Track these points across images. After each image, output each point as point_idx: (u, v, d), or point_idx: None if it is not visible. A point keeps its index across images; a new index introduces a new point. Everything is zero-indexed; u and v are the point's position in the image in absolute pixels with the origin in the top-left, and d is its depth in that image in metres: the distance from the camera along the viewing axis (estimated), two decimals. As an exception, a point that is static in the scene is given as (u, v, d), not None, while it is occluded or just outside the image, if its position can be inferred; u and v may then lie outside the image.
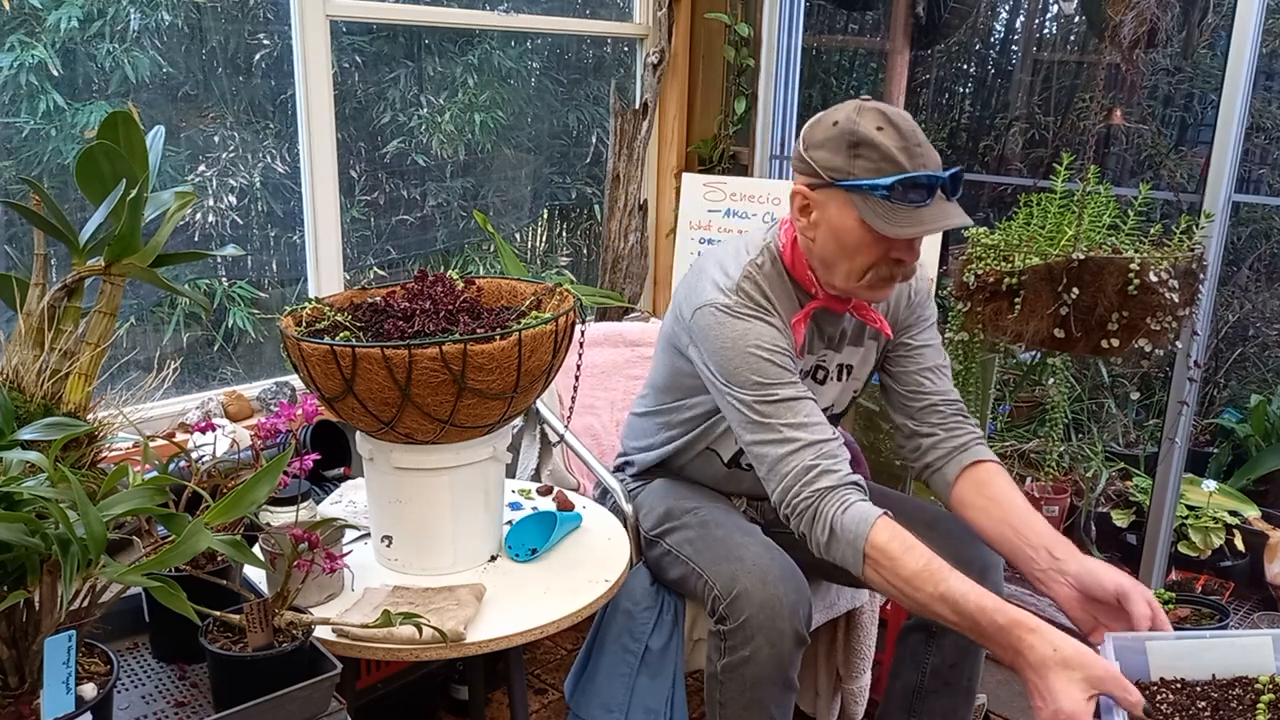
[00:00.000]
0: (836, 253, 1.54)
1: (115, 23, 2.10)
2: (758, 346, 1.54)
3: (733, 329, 1.56)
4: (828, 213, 1.51)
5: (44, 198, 1.26)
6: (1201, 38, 2.98)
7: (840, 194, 1.48)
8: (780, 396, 1.53)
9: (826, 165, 1.49)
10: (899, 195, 1.44)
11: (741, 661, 1.57)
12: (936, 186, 1.46)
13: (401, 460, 1.46)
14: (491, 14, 2.74)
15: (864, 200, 1.46)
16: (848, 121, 1.48)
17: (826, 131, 1.50)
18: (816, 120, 1.53)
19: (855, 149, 1.46)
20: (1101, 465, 3.17)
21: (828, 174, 1.49)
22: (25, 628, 1.04)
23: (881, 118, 1.47)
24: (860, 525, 1.45)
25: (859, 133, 1.46)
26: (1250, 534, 2.87)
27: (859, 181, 1.46)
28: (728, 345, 1.56)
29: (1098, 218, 1.89)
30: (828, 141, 1.49)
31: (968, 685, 1.75)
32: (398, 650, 1.35)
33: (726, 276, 1.60)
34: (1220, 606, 1.60)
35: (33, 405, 1.19)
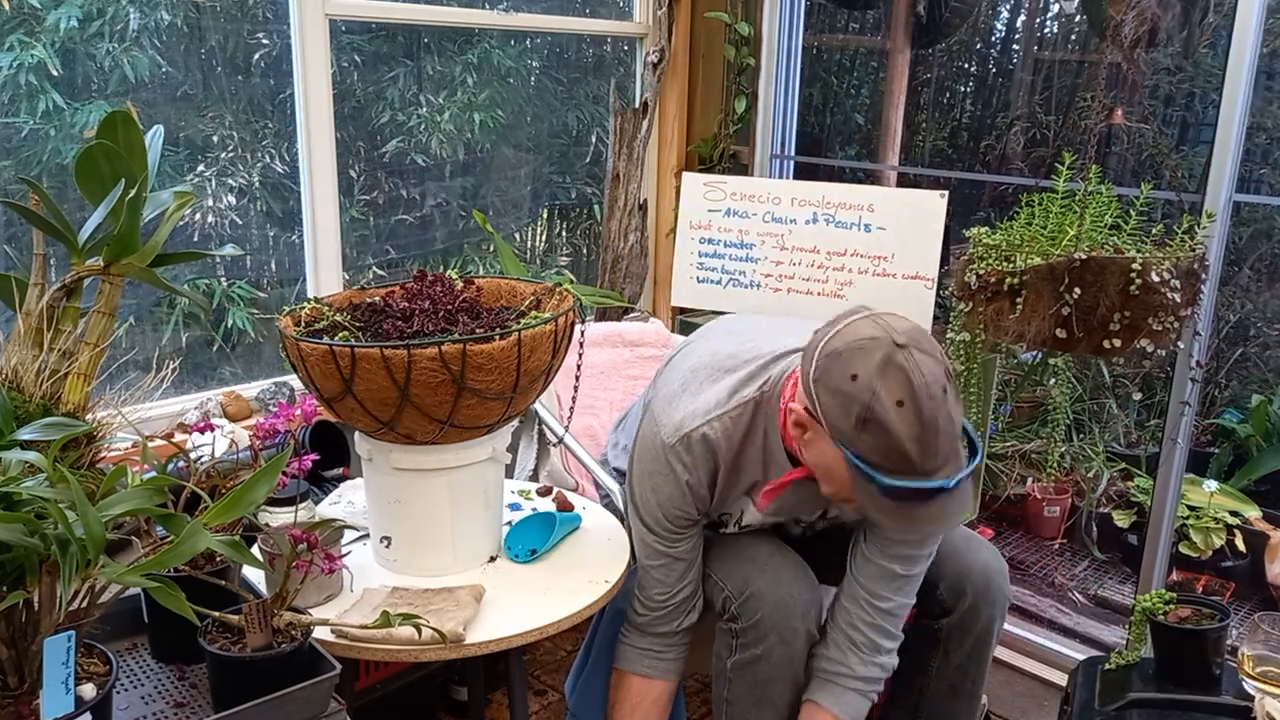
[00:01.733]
0: (822, 475, 1.39)
1: (115, 22, 2.10)
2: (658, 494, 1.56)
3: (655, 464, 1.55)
4: (822, 446, 1.35)
5: (43, 198, 1.25)
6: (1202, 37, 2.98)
7: (840, 452, 1.30)
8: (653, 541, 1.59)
9: (830, 419, 1.30)
10: (896, 495, 1.27)
11: (753, 660, 1.57)
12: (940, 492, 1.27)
13: (401, 460, 1.46)
14: (491, 13, 2.74)
15: (857, 474, 1.29)
16: (865, 384, 1.26)
17: (842, 382, 1.28)
18: (836, 352, 1.31)
19: (864, 425, 1.26)
20: (1103, 465, 3.17)
21: (829, 428, 1.31)
22: (24, 628, 1.04)
23: (904, 391, 1.25)
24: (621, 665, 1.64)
25: (873, 409, 1.25)
26: (1251, 534, 2.87)
27: (860, 463, 1.28)
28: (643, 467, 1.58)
29: (1099, 217, 1.88)
30: (839, 394, 1.28)
31: (972, 689, 1.75)
32: (397, 651, 1.35)
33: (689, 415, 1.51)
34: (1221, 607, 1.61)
35: (32, 405, 1.19)
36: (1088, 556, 3.17)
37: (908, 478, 1.25)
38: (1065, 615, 2.84)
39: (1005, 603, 1.71)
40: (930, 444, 1.25)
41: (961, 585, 1.66)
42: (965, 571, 1.66)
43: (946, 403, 1.27)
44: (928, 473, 1.26)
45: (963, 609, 1.68)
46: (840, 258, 2.46)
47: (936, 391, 1.26)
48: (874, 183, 3.42)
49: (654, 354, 2.44)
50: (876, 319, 1.33)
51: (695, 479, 1.52)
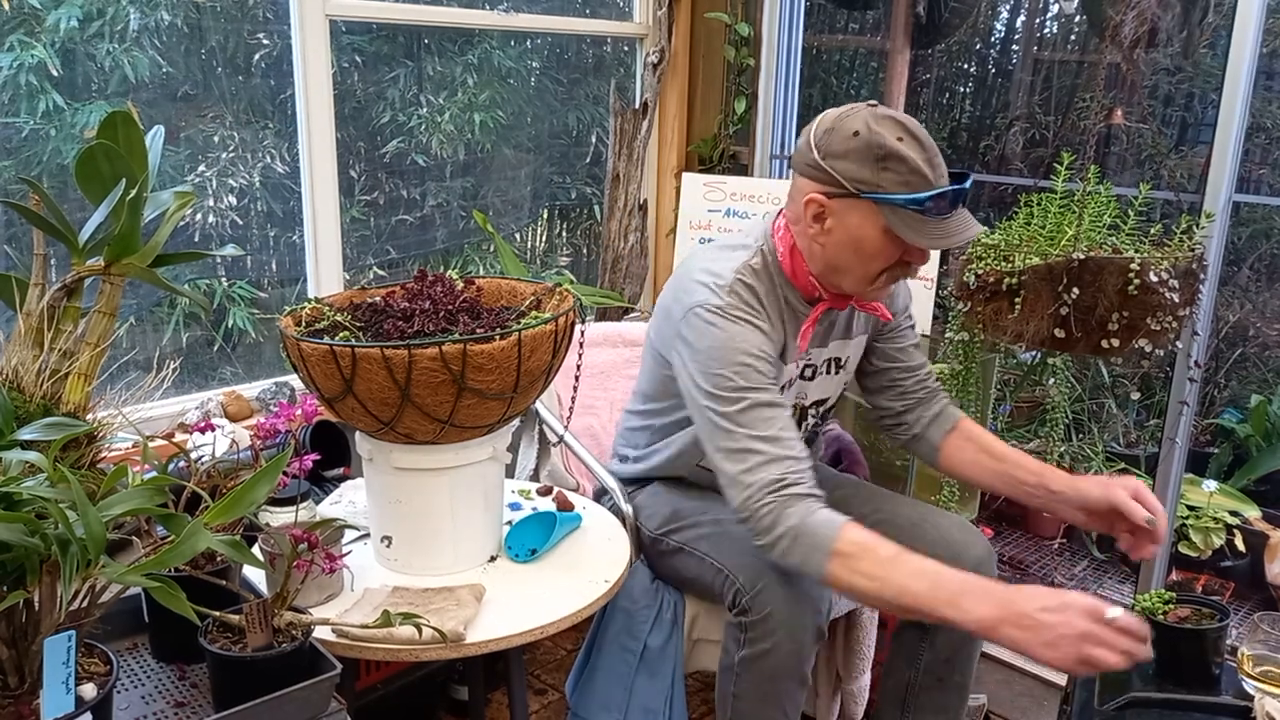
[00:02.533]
0: (851, 259, 1.55)
1: (115, 22, 2.10)
2: (745, 351, 1.53)
3: (723, 330, 1.54)
4: (847, 221, 1.52)
5: (44, 198, 1.26)
6: (1202, 37, 2.98)
7: (865, 204, 1.49)
8: (757, 401, 1.52)
9: (852, 177, 1.48)
10: (929, 209, 1.47)
11: (761, 654, 1.57)
12: (960, 198, 1.50)
13: (401, 460, 1.46)
14: (491, 14, 2.74)
15: (893, 212, 1.48)
16: (869, 133, 1.47)
17: (847, 142, 1.48)
18: (830, 129, 1.51)
19: (883, 162, 1.47)
20: (1102, 465, 3.17)
21: (853, 185, 1.48)
22: (25, 628, 1.04)
23: (899, 128, 1.48)
24: (828, 526, 1.46)
25: (885, 145, 1.46)
26: (1251, 534, 2.87)
27: (890, 196, 1.47)
28: (716, 346, 1.54)
29: (1098, 217, 1.89)
30: (851, 153, 1.48)
31: (960, 681, 1.75)
32: (397, 651, 1.35)
33: (717, 277, 1.59)
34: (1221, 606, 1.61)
35: (32, 405, 1.19)
36: (1087, 556, 3.17)
37: (931, 188, 1.47)
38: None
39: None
40: (934, 160, 1.49)
41: None
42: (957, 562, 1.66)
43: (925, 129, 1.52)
44: (940, 180, 1.48)
45: None
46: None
47: (918, 123, 1.51)
48: (874, 183, 3.42)
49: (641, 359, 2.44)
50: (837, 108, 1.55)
51: (764, 321, 1.58)
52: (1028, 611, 1.34)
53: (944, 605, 1.40)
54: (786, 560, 1.49)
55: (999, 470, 1.73)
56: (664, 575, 1.81)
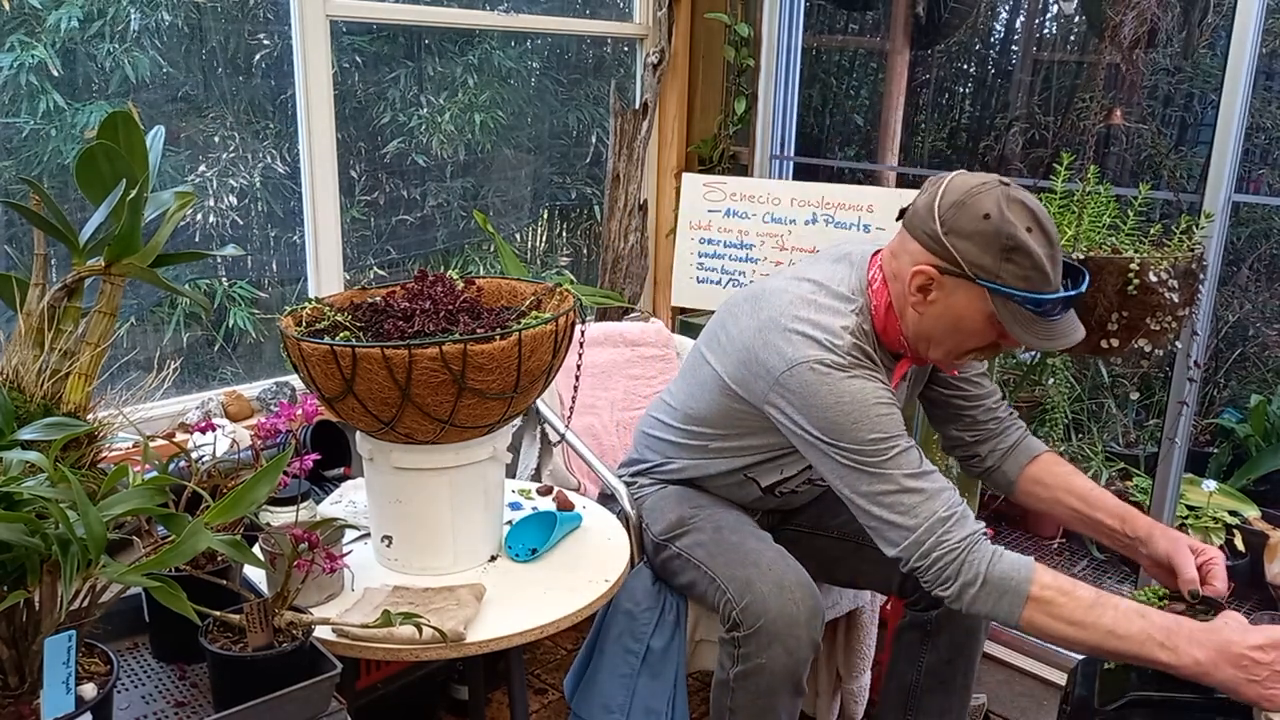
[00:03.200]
0: (945, 334, 1.50)
1: (115, 23, 2.10)
2: (877, 400, 1.49)
3: (847, 386, 1.49)
4: (953, 299, 1.46)
5: (44, 198, 1.26)
6: (1201, 37, 2.98)
7: (977, 288, 1.43)
8: (901, 447, 1.48)
9: (973, 261, 1.42)
10: (1043, 309, 1.42)
11: (756, 669, 1.56)
12: (1071, 302, 1.45)
13: (401, 460, 1.46)
14: (491, 14, 2.74)
15: (1004, 304, 1.42)
16: (1000, 219, 1.40)
17: (976, 224, 1.41)
18: (959, 204, 1.43)
19: (1008, 253, 1.40)
20: (1102, 465, 3.17)
21: (971, 269, 1.42)
22: (25, 628, 1.04)
23: (1029, 216, 1.41)
24: (1020, 570, 1.42)
25: (1015, 237, 1.39)
26: (1250, 534, 2.87)
27: (1008, 290, 1.41)
28: (843, 402, 1.49)
29: (1097, 218, 1.89)
30: (977, 236, 1.41)
31: (963, 683, 1.75)
32: (398, 650, 1.35)
33: (829, 334, 1.53)
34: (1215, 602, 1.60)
35: (33, 405, 1.19)
36: (1087, 556, 3.17)
37: (1050, 291, 1.41)
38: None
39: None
40: (1056, 258, 1.42)
41: None
42: None
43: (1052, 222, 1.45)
44: (1058, 280, 1.42)
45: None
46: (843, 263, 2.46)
47: (1045, 211, 1.43)
48: (873, 183, 3.42)
49: (654, 354, 2.44)
50: (965, 173, 1.47)
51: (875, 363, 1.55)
52: (1243, 651, 1.32)
53: (1157, 649, 1.37)
54: (974, 609, 1.44)
55: (1080, 514, 1.67)
56: (666, 579, 1.80)
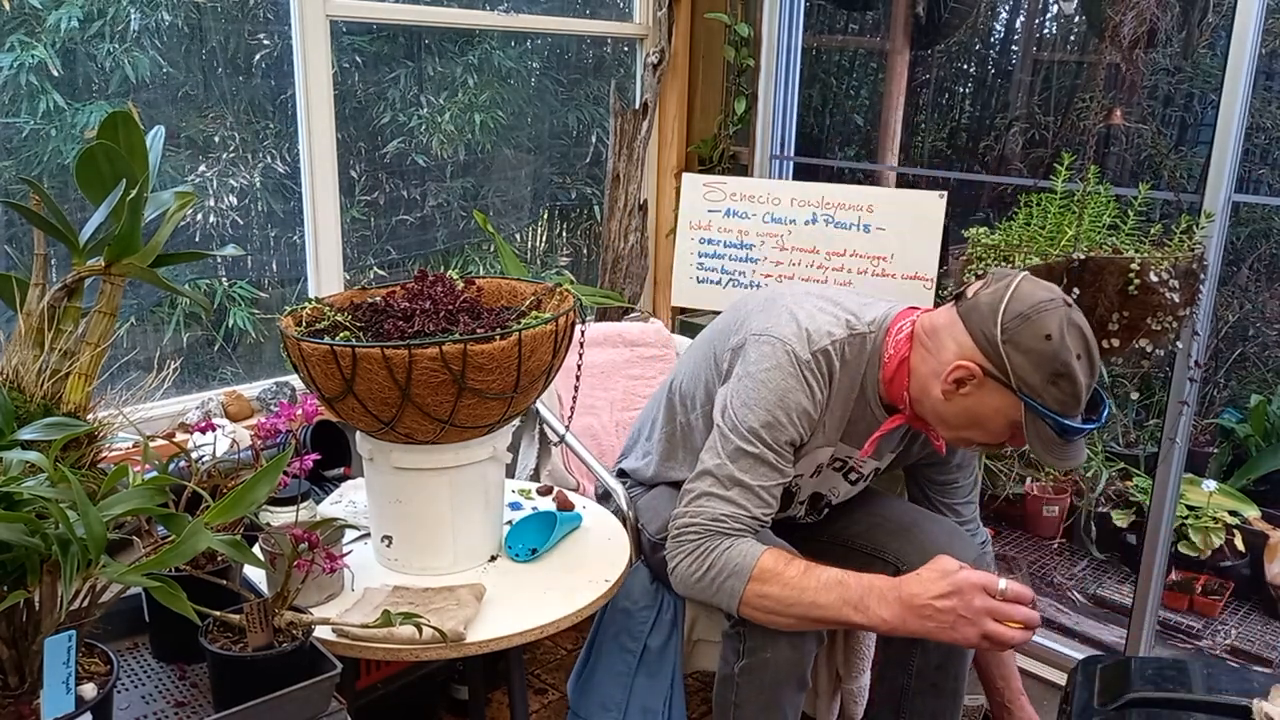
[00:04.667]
0: (965, 424, 1.52)
1: (115, 23, 2.10)
2: (789, 409, 1.53)
3: (783, 381, 1.54)
4: (987, 399, 1.48)
5: (44, 198, 1.26)
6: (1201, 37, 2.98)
7: (1015, 399, 1.45)
8: (764, 458, 1.53)
9: (1021, 375, 1.44)
10: (1066, 433, 1.46)
11: (761, 664, 1.57)
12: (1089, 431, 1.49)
13: (401, 460, 1.46)
14: (491, 14, 2.74)
15: (1034, 420, 1.45)
16: (1060, 344, 1.41)
17: (1037, 342, 1.42)
18: (1024, 316, 1.44)
19: (1056, 379, 1.43)
20: (1102, 465, 3.17)
21: (1017, 383, 1.44)
22: (25, 628, 1.04)
23: (1083, 344, 1.44)
24: (746, 556, 1.50)
25: (1068, 365, 1.42)
26: (1250, 534, 2.88)
27: (1044, 410, 1.44)
28: (766, 386, 1.54)
29: (1098, 218, 1.89)
30: (1034, 354, 1.43)
31: (954, 687, 1.74)
32: (398, 650, 1.35)
33: (813, 331, 1.56)
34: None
35: (33, 405, 1.19)
36: (1086, 556, 3.18)
37: (1077, 419, 1.45)
38: (1064, 615, 2.85)
39: None
40: (1091, 388, 1.47)
41: None
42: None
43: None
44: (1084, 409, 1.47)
45: None
46: (840, 258, 2.47)
47: (1095, 341, 1.47)
48: (873, 183, 3.42)
49: (654, 354, 2.44)
50: (1032, 280, 1.49)
51: (823, 395, 1.56)
52: (926, 602, 1.41)
53: (851, 611, 1.46)
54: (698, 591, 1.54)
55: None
56: (664, 578, 1.80)
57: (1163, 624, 2.75)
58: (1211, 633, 2.77)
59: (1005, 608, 1.39)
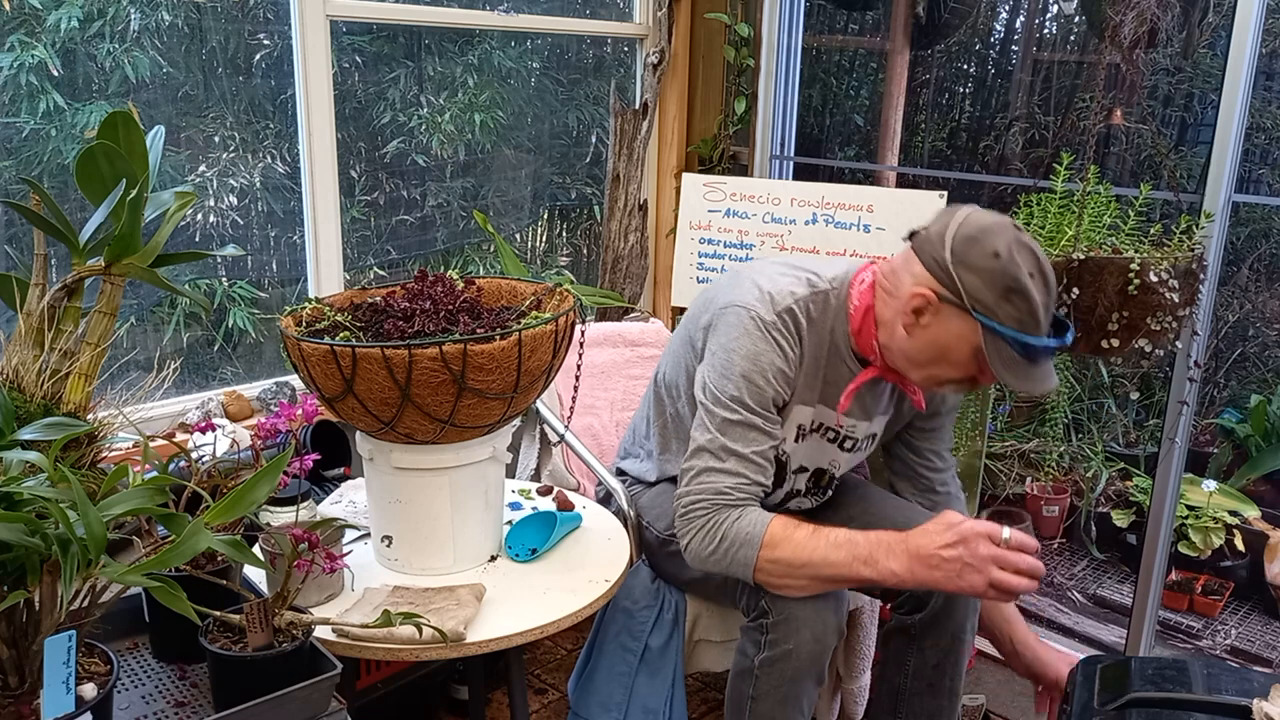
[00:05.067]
0: (930, 358, 1.53)
1: (115, 23, 2.10)
2: (763, 370, 1.55)
3: (753, 345, 1.56)
4: (946, 326, 1.49)
5: (44, 198, 1.26)
6: (1201, 37, 2.98)
7: (972, 321, 1.46)
8: (749, 422, 1.55)
9: (974, 295, 1.45)
10: (1029, 352, 1.46)
11: (784, 655, 1.57)
12: (1053, 352, 1.50)
13: (401, 460, 1.46)
14: (491, 14, 2.74)
15: (993, 340, 1.46)
16: (1009, 259, 1.43)
17: (985, 260, 1.45)
18: (972, 238, 1.46)
19: (1009, 294, 1.44)
20: (1101, 465, 3.17)
21: (970, 301, 1.45)
22: (25, 628, 1.04)
23: (1034, 262, 1.45)
24: (755, 525, 1.52)
25: (1019, 279, 1.43)
26: (1250, 534, 2.88)
27: (1002, 329, 1.44)
28: (738, 353, 1.56)
29: (1098, 218, 1.89)
30: (983, 271, 1.44)
31: (950, 686, 1.74)
32: (398, 650, 1.35)
33: (774, 293, 1.59)
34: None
35: (33, 405, 1.19)
36: (1086, 556, 3.18)
37: (1038, 337, 1.46)
38: (1064, 615, 2.85)
39: (978, 600, 1.70)
40: (1050, 307, 1.47)
41: None
42: None
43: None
44: (1048, 327, 1.48)
45: (935, 605, 1.68)
46: (840, 258, 2.47)
47: (1048, 262, 1.49)
48: (873, 183, 3.42)
49: (654, 354, 2.44)
50: (981, 210, 1.52)
51: (795, 353, 1.59)
52: (933, 552, 1.45)
53: (861, 566, 1.49)
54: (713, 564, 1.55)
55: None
56: (668, 576, 1.80)
57: (1163, 624, 2.75)
58: (1211, 633, 2.77)
59: (1010, 555, 1.42)
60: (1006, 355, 1.46)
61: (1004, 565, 1.42)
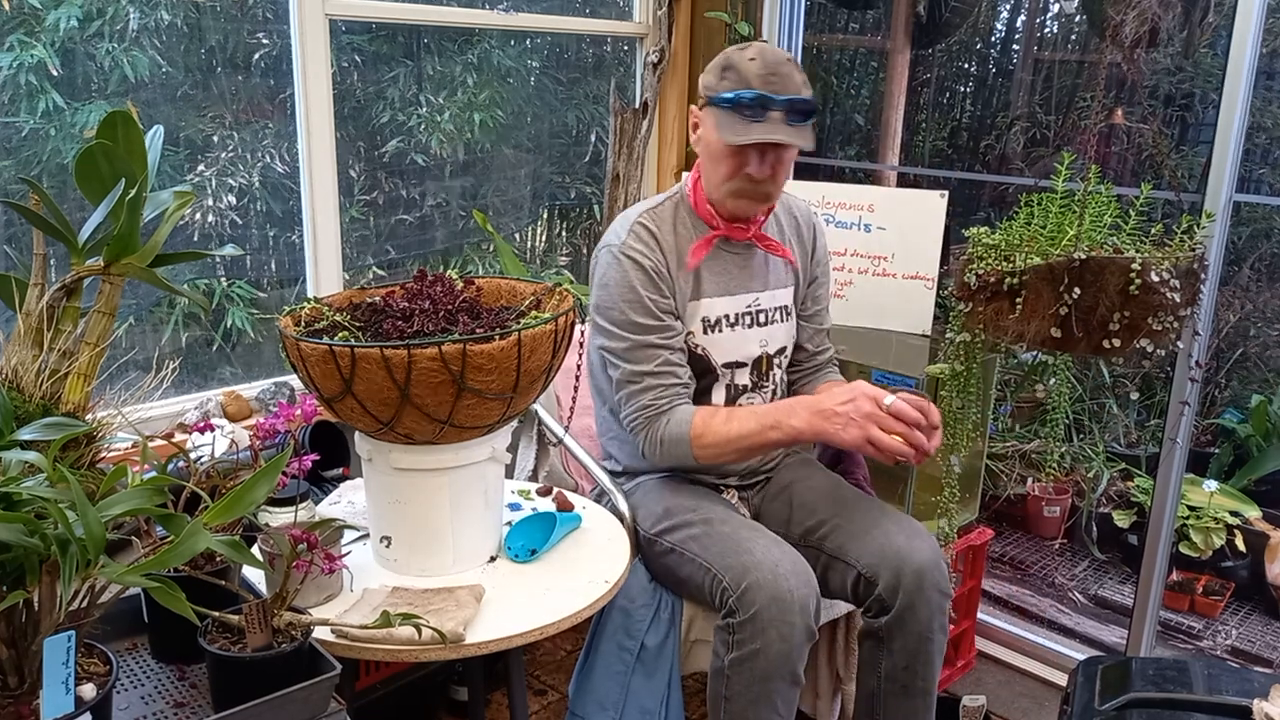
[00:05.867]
0: (708, 164, 1.76)
1: (114, 22, 2.10)
2: (637, 288, 1.73)
3: (619, 269, 1.74)
4: (705, 127, 1.75)
5: (43, 198, 1.25)
6: (1202, 37, 2.98)
7: (710, 109, 1.72)
8: (647, 342, 1.73)
9: (704, 85, 1.73)
10: (738, 109, 1.66)
11: (751, 655, 1.58)
12: (771, 107, 1.66)
13: (400, 460, 1.46)
14: (491, 13, 2.74)
15: (720, 112, 1.69)
16: (731, 51, 1.71)
17: (714, 61, 1.73)
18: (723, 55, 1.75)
19: (725, 71, 1.69)
20: (1103, 465, 3.17)
21: (704, 92, 1.73)
22: (25, 628, 1.04)
23: (758, 51, 1.69)
24: (681, 425, 1.72)
25: (732, 59, 1.69)
26: (1251, 534, 2.88)
27: (716, 95, 1.70)
28: (611, 282, 1.75)
29: (1099, 217, 1.88)
30: (711, 67, 1.73)
31: (923, 686, 1.72)
32: (397, 651, 1.35)
33: (622, 220, 1.81)
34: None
35: (32, 405, 1.19)
36: (1087, 556, 3.18)
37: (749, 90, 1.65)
38: (1065, 615, 2.85)
39: (943, 598, 1.69)
40: (770, 77, 1.66)
41: (897, 582, 1.66)
42: (902, 568, 1.66)
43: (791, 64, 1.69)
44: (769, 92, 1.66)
45: (900, 607, 1.67)
46: (840, 258, 2.47)
47: (783, 56, 1.70)
48: (874, 183, 3.42)
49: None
50: None
51: (654, 260, 1.76)
52: (828, 408, 1.62)
53: (771, 431, 1.68)
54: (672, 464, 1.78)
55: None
56: (659, 575, 1.81)
57: (1164, 624, 2.75)
58: (1212, 633, 2.77)
59: (886, 419, 1.56)
60: (727, 119, 1.67)
61: (882, 426, 1.56)
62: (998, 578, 3.02)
